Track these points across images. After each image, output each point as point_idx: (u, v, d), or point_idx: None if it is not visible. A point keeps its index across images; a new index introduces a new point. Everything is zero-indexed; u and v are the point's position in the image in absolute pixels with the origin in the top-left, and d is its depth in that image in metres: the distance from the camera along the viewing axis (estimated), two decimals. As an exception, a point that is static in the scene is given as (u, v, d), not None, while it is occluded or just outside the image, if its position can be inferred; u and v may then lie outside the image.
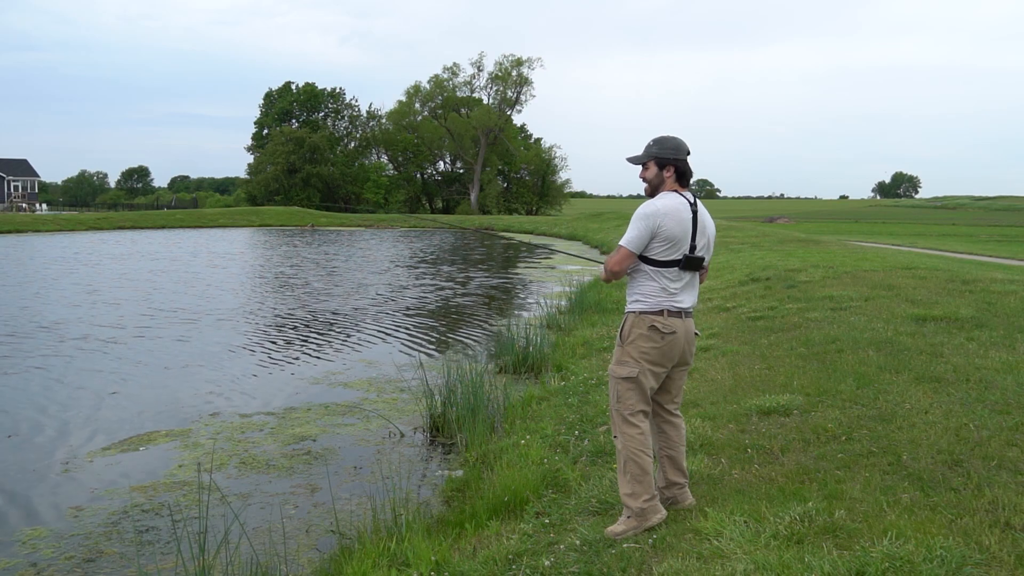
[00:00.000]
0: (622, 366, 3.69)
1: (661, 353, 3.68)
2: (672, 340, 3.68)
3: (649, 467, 3.66)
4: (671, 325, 3.67)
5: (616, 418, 3.72)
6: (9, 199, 70.78)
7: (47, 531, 4.87)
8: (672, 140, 3.73)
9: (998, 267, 15.12)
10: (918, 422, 4.60)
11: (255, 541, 4.51)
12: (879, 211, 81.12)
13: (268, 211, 57.27)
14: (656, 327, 3.66)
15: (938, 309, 7.98)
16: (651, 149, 3.75)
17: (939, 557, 2.94)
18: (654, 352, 3.67)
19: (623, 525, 3.65)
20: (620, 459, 3.69)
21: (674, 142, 3.73)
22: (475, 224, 53.71)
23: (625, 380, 3.67)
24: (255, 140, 79.93)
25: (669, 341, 3.67)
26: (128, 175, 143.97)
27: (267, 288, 17.91)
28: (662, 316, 3.66)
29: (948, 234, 36.07)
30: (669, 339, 3.67)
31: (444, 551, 3.89)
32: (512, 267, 24.91)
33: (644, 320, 3.67)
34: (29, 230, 39.78)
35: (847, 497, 3.66)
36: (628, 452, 3.64)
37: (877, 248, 20.25)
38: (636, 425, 3.66)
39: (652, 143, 3.76)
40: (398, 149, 79.60)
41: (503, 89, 77.69)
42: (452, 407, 6.63)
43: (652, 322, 3.66)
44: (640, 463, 3.62)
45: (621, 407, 3.68)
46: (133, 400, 8.00)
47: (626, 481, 3.66)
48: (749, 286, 11.86)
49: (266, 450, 6.38)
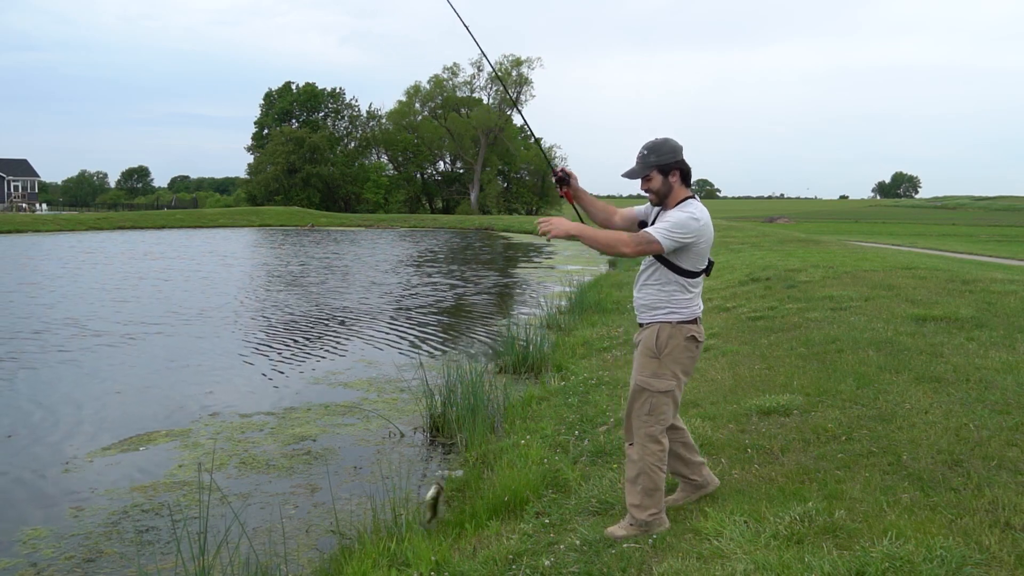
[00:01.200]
0: (660, 380, 3.55)
1: (694, 362, 3.68)
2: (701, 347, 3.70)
3: (662, 483, 3.60)
4: (703, 333, 3.68)
5: (642, 432, 3.57)
6: (9, 199, 70.79)
7: (47, 531, 4.87)
8: (668, 143, 3.56)
9: (998, 267, 15.12)
10: (918, 422, 4.60)
11: (255, 541, 4.51)
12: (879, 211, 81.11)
13: (268, 211, 57.27)
14: (695, 337, 3.60)
15: (938, 309, 7.98)
16: (649, 159, 3.54)
17: (939, 557, 2.94)
18: (690, 362, 3.63)
19: (624, 531, 3.62)
20: (633, 469, 3.59)
21: (670, 144, 3.56)
22: (475, 224, 53.74)
23: (663, 394, 3.56)
24: (255, 140, 79.89)
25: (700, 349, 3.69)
26: (128, 175, 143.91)
27: (268, 288, 17.91)
28: (696, 325, 3.62)
29: (948, 234, 36.07)
30: (700, 347, 3.69)
31: (444, 551, 3.89)
32: (512, 267, 24.91)
33: (682, 331, 3.56)
34: (29, 230, 39.78)
35: (847, 497, 3.66)
36: (645, 465, 3.55)
37: (877, 248, 20.25)
38: (660, 442, 3.57)
39: (646, 152, 3.55)
40: (398, 149, 79.57)
41: (503, 89, 77.69)
42: (452, 407, 6.63)
43: (691, 332, 3.58)
44: (655, 478, 3.56)
45: (653, 421, 3.56)
46: (133, 400, 8.00)
47: (636, 492, 3.58)
48: (749, 286, 11.86)
49: (266, 450, 6.38)
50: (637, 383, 3.60)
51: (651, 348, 3.58)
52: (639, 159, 3.57)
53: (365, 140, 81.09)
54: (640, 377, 3.59)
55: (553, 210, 79.73)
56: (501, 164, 79.88)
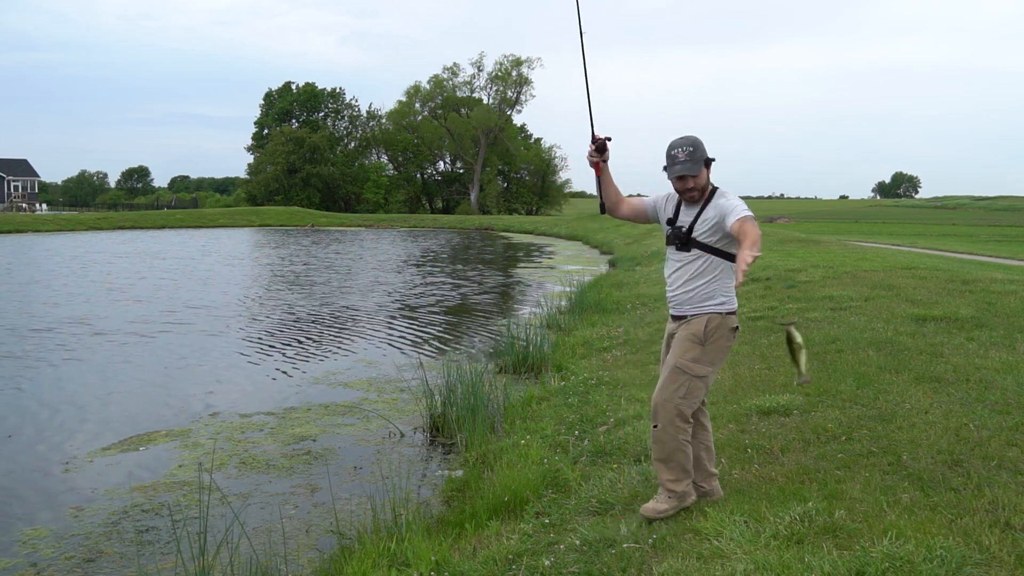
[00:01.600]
0: (700, 365, 3.65)
1: (728, 352, 3.79)
2: None
3: (691, 456, 3.73)
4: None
5: (673, 411, 3.63)
6: (9, 199, 70.77)
7: (47, 531, 4.87)
8: (694, 138, 3.68)
9: (998, 267, 15.12)
10: (918, 422, 4.61)
11: (255, 541, 4.51)
12: (879, 211, 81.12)
13: (268, 211, 57.29)
14: (736, 327, 3.74)
15: (938, 309, 7.98)
16: (696, 154, 3.62)
17: (939, 557, 2.94)
18: (726, 352, 3.76)
19: (666, 504, 3.70)
20: (665, 449, 3.65)
21: (695, 138, 3.68)
22: (475, 224, 53.74)
23: (700, 379, 3.66)
24: (255, 140, 79.93)
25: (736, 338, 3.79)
26: (128, 175, 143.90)
27: (268, 288, 17.91)
28: (736, 316, 3.74)
29: (948, 234, 36.06)
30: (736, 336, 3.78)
31: (444, 551, 3.89)
32: (512, 267, 24.91)
33: (728, 321, 3.70)
34: (29, 230, 39.78)
35: (847, 497, 3.66)
36: (678, 443, 3.65)
37: (877, 248, 20.25)
38: (689, 421, 3.68)
39: (690, 147, 3.62)
40: (398, 149, 79.60)
41: (503, 89, 77.70)
42: (452, 407, 6.63)
43: (734, 323, 3.72)
44: (688, 453, 3.69)
45: (686, 403, 3.64)
46: (134, 400, 8.00)
47: (670, 468, 3.68)
48: (749, 286, 11.85)
49: (266, 450, 6.38)
50: (677, 365, 3.68)
51: (698, 335, 3.68)
52: (686, 156, 3.61)
53: (365, 140, 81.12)
54: (681, 360, 3.67)
55: (553, 210, 79.80)
56: (501, 164, 79.91)
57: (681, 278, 3.74)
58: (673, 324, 3.83)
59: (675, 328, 3.81)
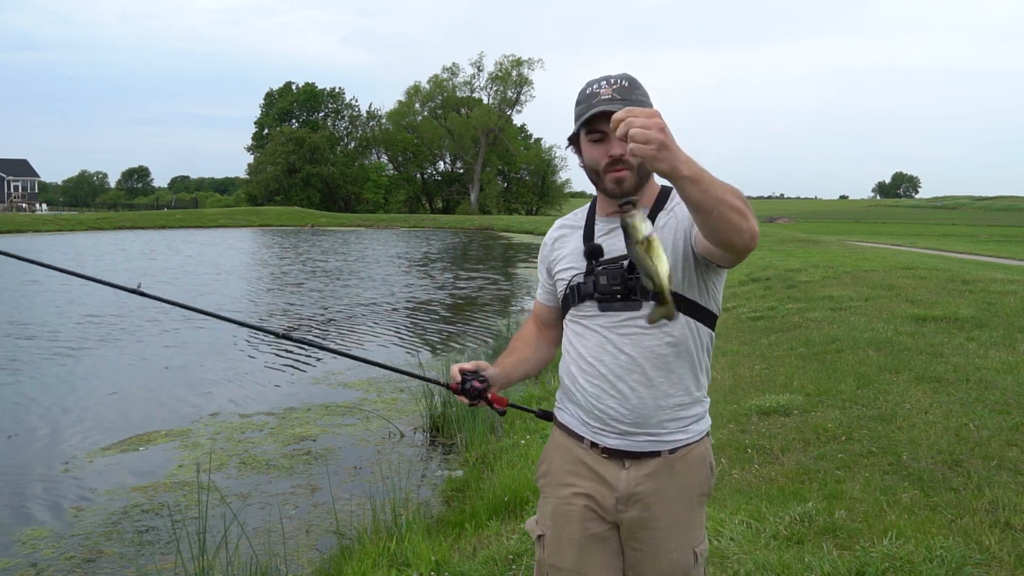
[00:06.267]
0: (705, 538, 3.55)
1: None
2: None
3: None
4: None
5: None
6: (9, 199, 70.75)
7: (47, 531, 4.87)
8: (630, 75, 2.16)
9: (998, 267, 15.12)
10: (918, 422, 4.60)
11: (255, 541, 4.50)
12: (879, 211, 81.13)
13: (268, 211, 57.29)
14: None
15: (938, 309, 7.98)
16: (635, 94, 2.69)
17: (939, 557, 2.94)
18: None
19: None
20: None
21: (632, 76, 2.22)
22: (475, 224, 53.73)
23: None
24: (255, 140, 79.91)
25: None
26: (128, 175, 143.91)
27: (268, 288, 17.91)
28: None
29: (948, 234, 36.07)
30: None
31: (444, 551, 3.89)
32: (512, 267, 24.91)
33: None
34: (29, 230, 39.75)
35: (847, 497, 3.66)
36: None
37: (877, 248, 20.26)
38: None
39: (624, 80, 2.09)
40: (398, 149, 79.58)
41: (503, 89, 77.71)
42: (452, 407, 6.62)
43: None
44: None
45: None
46: (133, 400, 8.00)
47: None
48: (749, 286, 11.85)
49: (266, 450, 6.38)
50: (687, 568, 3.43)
51: (706, 486, 3.23)
52: (615, 93, 1.97)
53: (365, 140, 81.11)
54: (698, 547, 3.51)
55: (553, 210, 79.78)
56: (501, 164, 79.87)
57: (627, 365, 1.99)
58: (615, 472, 2.05)
59: (630, 482, 2.06)
